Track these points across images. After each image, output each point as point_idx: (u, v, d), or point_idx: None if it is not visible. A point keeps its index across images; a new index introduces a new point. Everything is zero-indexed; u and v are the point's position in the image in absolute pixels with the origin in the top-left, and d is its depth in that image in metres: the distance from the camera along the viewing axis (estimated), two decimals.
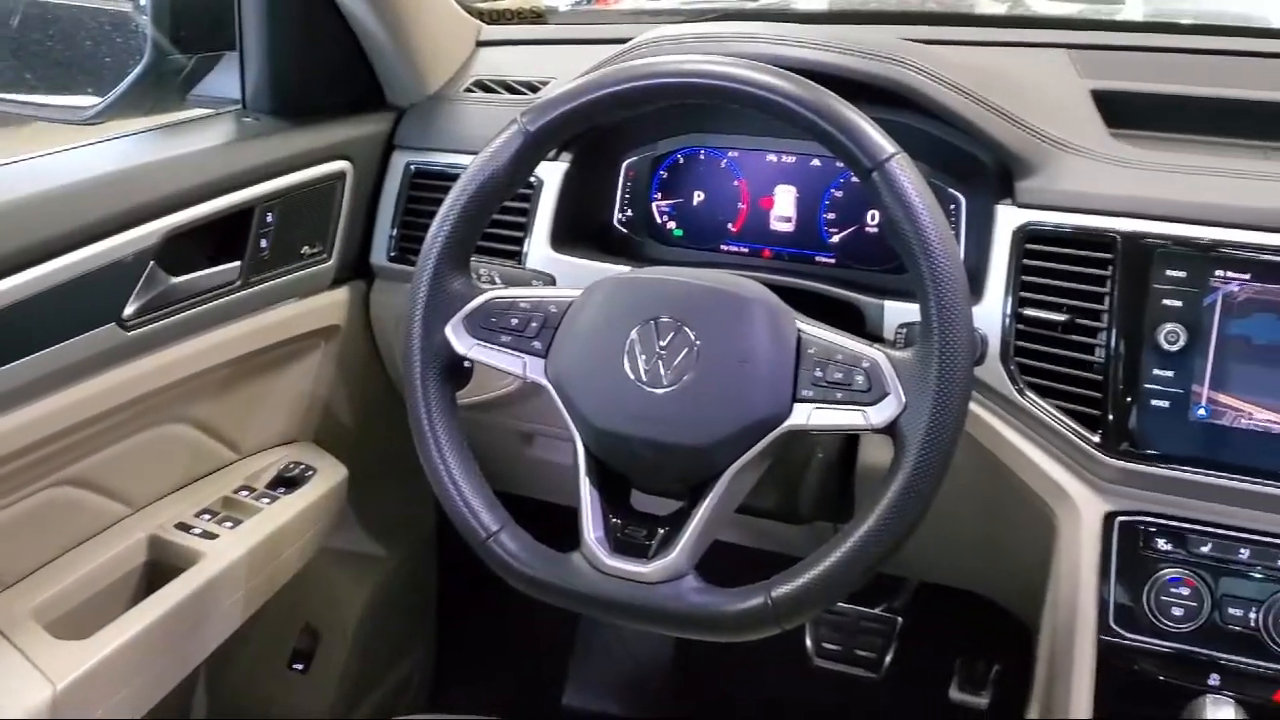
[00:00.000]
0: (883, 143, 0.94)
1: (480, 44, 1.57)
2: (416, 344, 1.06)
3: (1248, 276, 1.04)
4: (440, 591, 1.95)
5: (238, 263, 1.27)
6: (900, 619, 1.76)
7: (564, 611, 1.05)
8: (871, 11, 1.71)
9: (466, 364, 1.08)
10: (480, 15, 1.61)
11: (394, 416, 1.20)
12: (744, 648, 1.02)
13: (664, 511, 1.03)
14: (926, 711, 1.80)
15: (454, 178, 1.06)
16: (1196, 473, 1.07)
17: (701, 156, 1.36)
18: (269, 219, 1.29)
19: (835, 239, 1.32)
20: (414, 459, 1.06)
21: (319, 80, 1.44)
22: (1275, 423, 1.04)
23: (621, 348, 1.00)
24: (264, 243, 1.29)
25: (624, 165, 1.39)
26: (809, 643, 1.76)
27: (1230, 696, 1.04)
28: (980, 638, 1.77)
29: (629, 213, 1.40)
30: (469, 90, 1.49)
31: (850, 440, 1.25)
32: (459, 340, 1.05)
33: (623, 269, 1.18)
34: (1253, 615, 1.06)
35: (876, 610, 1.77)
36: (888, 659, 1.74)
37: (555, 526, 1.09)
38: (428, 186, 1.41)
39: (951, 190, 1.24)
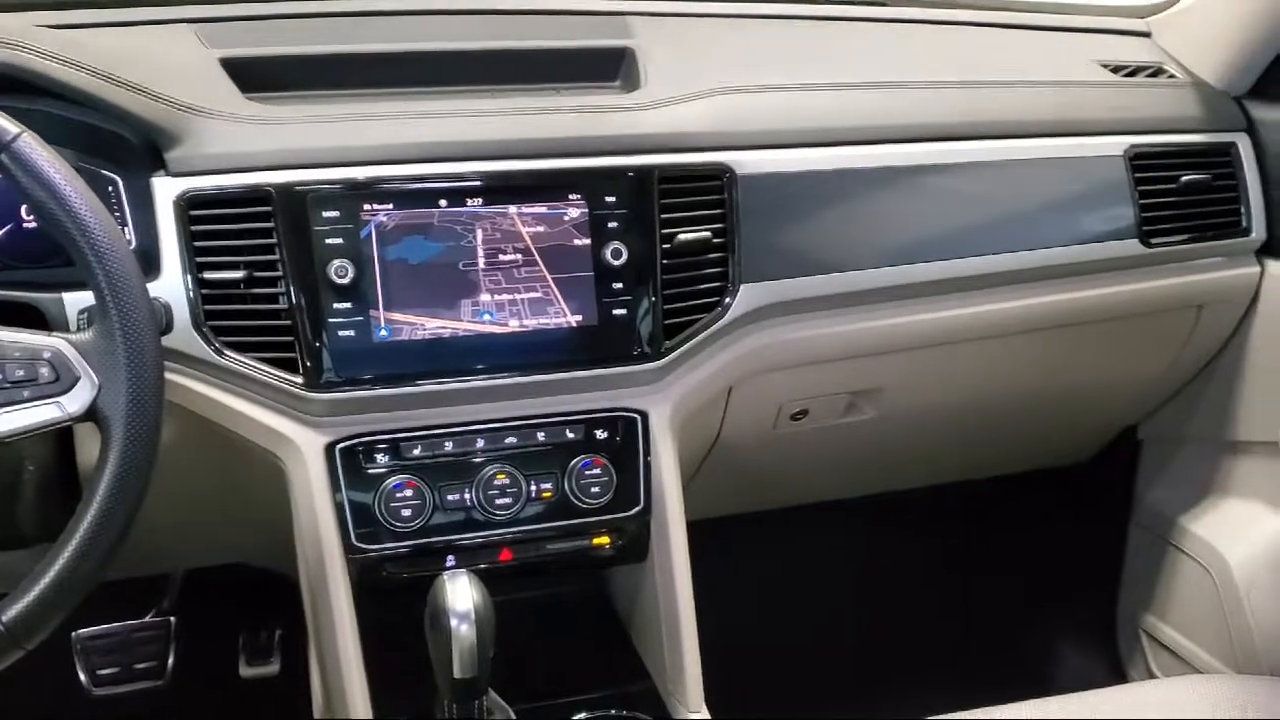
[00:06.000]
0: (3, 124, 0.91)
1: None
2: None
3: (391, 206, 1.17)
4: None
5: None
6: (174, 618, 1.72)
7: None
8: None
9: None
10: None
11: None
12: (14, 699, 0.93)
13: None
14: (223, 697, 1.79)
15: None
16: (393, 387, 1.19)
17: None
18: None
19: None
20: None
21: None
22: (443, 328, 1.19)
23: None
24: None
25: None
26: (82, 676, 1.65)
27: (466, 568, 1.18)
28: (262, 608, 1.80)
29: None
30: None
31: (63, 443, 1.19)
32: None
33: None
34: (467, 495, 1.23)
35: (147, 619, 1.71)
36: (170, 662, 1.70)
37: None
38: None
39: (106, 172, 1.21)
